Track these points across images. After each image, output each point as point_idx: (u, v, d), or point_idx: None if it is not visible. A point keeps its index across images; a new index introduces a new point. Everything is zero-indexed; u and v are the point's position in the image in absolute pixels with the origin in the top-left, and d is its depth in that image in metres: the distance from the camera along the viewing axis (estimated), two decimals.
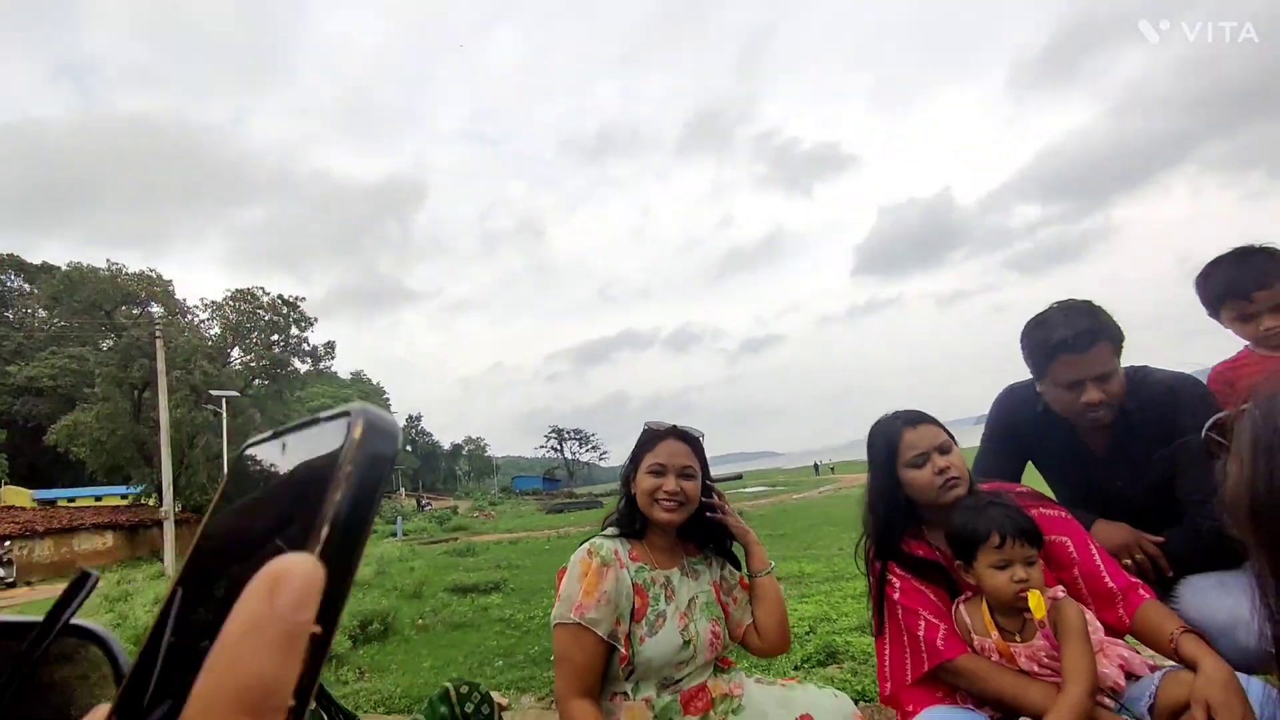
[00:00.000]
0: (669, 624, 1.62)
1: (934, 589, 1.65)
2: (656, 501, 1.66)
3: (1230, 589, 1.63)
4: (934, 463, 1.63)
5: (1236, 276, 1.77)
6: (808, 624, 4.36)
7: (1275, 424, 0.56)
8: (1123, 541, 1.76)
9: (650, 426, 1.76)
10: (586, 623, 1.52)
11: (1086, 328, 1.74)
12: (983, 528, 1.49)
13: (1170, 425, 1.77)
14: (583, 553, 1.63)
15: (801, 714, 1.55)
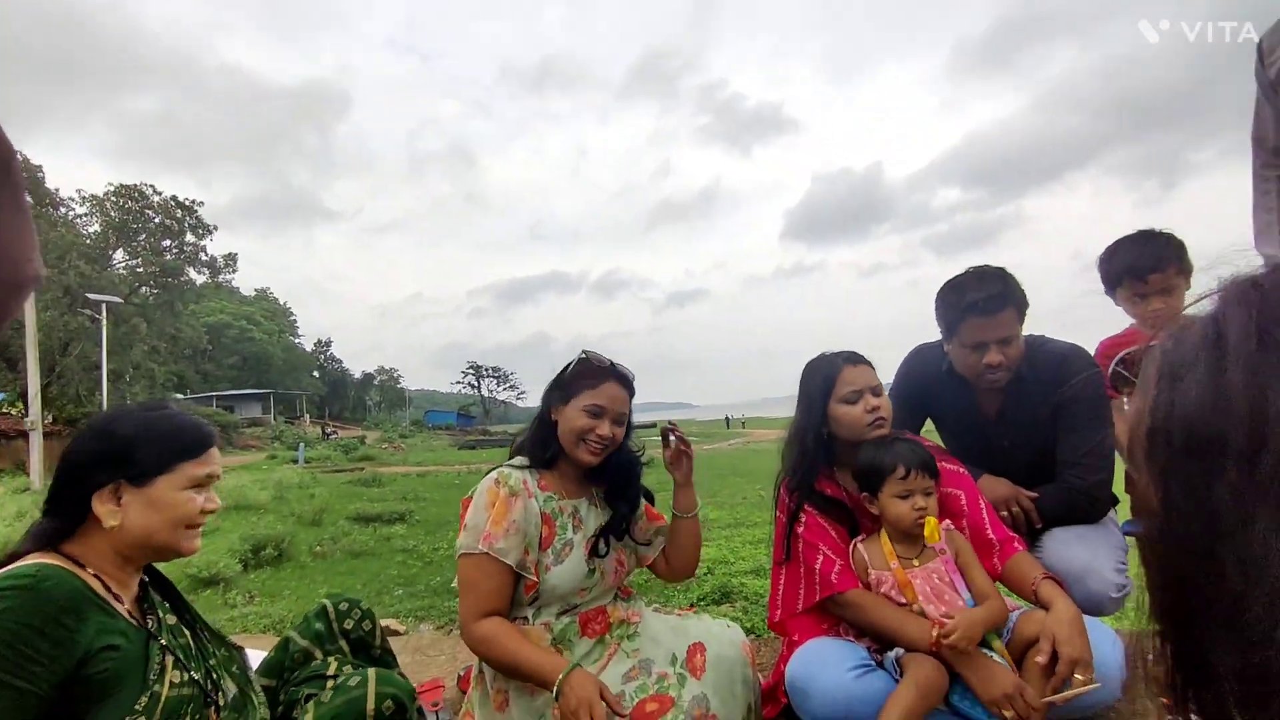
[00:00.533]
0: (575, 552, 1.61)
1: (836, 527, 1.74)
2: (584, 442, 1.63)
3: (1087, 541, 1.80)
4: (867, 401, 1.71)
5: (1136, 258, 1.89)
6: (707, 565, 4.54)
7: (1179, 355, 0.57)
8: (1003, 495, 1.90)
9: (591, 358, 1.69)
10: (494, 553, 1.50)
11: (997, 292, 1.83)
12: (889, 460, 1.62)
13: (1060, 393, 1.90)
14: (490, 482, 1.59)
15: (695, 641, 1.60)
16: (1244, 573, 0.50)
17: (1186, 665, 0.56)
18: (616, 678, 1.54)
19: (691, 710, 1.46)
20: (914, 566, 1.64)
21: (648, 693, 1.50)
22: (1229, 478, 0.52)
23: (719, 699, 1.52)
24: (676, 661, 1.58)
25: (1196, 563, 0.53)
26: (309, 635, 1.54)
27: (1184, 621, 0.55)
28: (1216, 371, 0.56)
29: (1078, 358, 1.93)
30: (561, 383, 1.68)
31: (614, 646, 1.63)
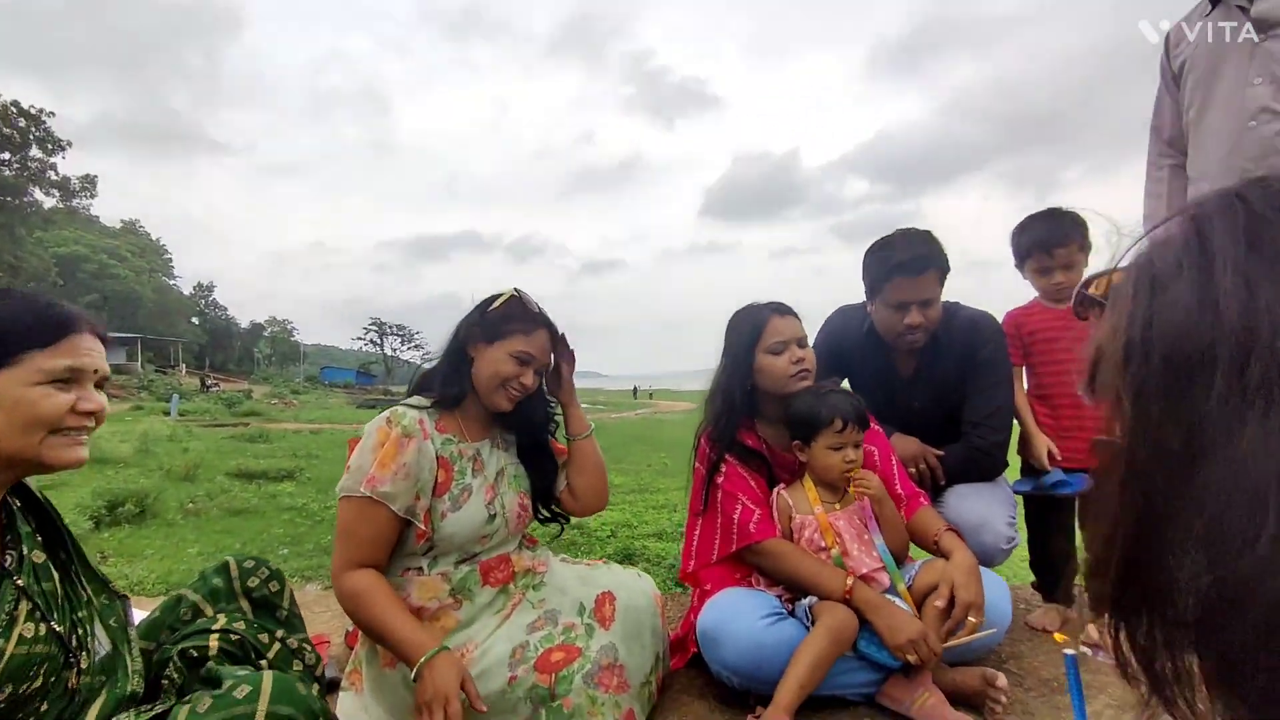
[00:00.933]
0: (475, 498, 1.50)
1: (755, 477, 1.73)
2: (505, 388, 1.52)
3: (983, 497, 1.89)
4: (792, 352, 1.70)
5: (1044, 233, 1.97)
6: (610, 528, 4.56)
7: (1160, 267, 0.53)
8: (913, 453, 1.96)
9: (522, 299, 1.56)
10: (379, 496, 1.37)
11: (923, 253, 1.86)
12: (827, 412, 1.64)
13: (969, 356, 1.97)
14: (381, 422, 1.44)
15: (603, 590, 1.54)
16: (1227, 483, 0.47)
17: (1142, 593, 0.54)
18: (521, 628, 1.46)
19: (599, 660, 1.41)
20: (836, 510, 1.67)
21: (553, 643, 1.43)
22: (1216, 387, 0.49)
23: (627, 648, 1.47)
24: (584, 611, 1.52)
25: (1171, 479, 0.51)
26: (203, 591, 1.33)
27: (1146, 544, 0.53)
28: (1203, 279, 0.53)
29: (987, 324, 2.00)
30: (487, 320, 1.54)
31: (518, 596, 1.54)
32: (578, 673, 1.37)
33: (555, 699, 1.34)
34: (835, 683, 1.50)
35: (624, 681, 1.42)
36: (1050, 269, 1.97)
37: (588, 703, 1.36)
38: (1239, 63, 1.68)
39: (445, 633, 1.44)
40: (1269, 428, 0.46)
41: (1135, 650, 0.57)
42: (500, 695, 1.35)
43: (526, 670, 1.37)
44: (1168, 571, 0.51)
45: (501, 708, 1.35)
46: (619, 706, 1.40)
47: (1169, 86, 1.93)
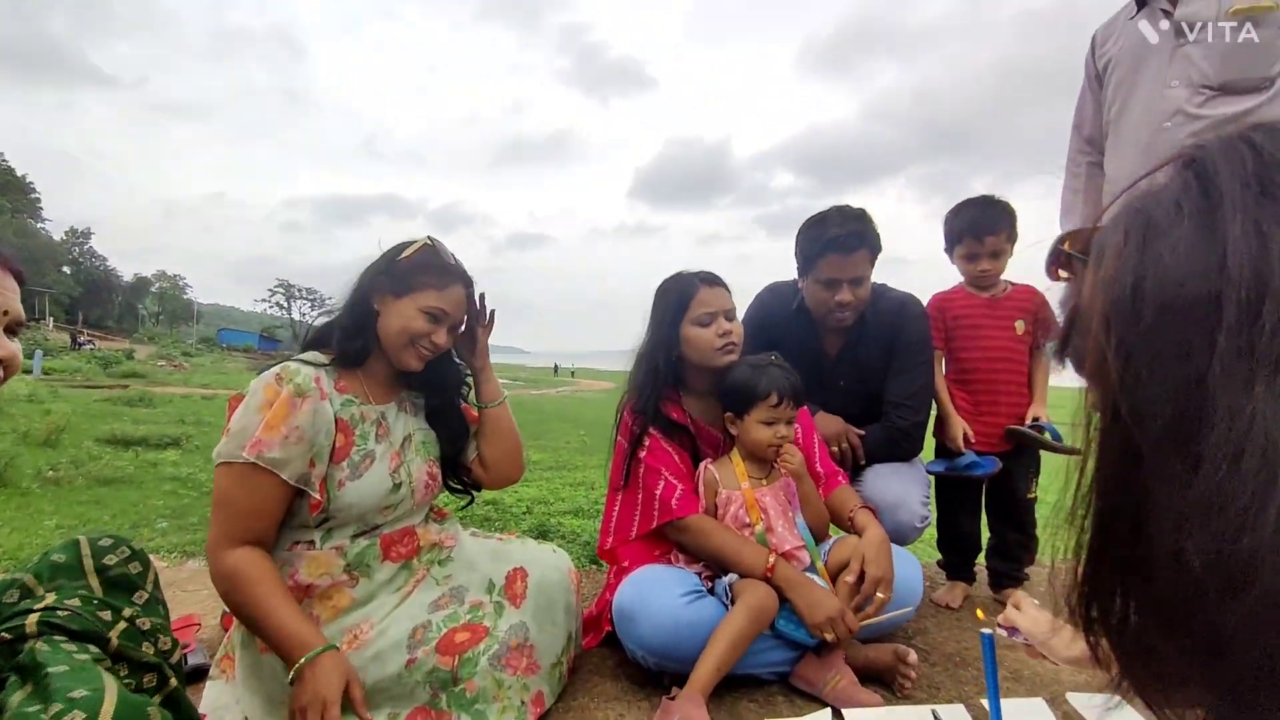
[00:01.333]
0: (378, 465, 1.36)
1: (679, 452, 1.67)
2: (415, 346, 1.37)
3: (900, 477, 1.91)
4: (719, 324, 1.65)
5: (976, 218, 2.00)
6: (526, 504, 4.47)
7: (1155, 214, 0.48)
8: (835, 432, 1.96)
9: (436, 249, 1.40)
10: (265, 463, 1.21)
11: (857, 231, 1.85)
12: (765, 385, 1.59)
13: (894, 337, 1.99)
14: (269, 379, 1.26)
15: (515, 566, 1.44)
16: (1229, 450, 0.42)
17: (1119, 570, 0.50)
18: (423, 607, 1.33)
19: (507, 640, 1.31)
20: (763, 486, 1.64)
21: (458, 622, 1.32)
22: (1221, 344, 0.44)
23: (538, 626, 1.38)
24: (494, 589, 1.41)
25: (1163, 447, 0.46)
26: (40, 569, 1.11)
27: (1128, 517, 0.48)
28: (1208, 225, 0.48)
29: (913, 306, 2.02)
30: (396, 270, 1.38)
31: (422, 572, 1.41)
32: (483, 654, 1.27)
33: (458, 683, 1.24)
34: (751, 661, 1.47)
35: (534, 662, 1.33)
36: (978, 255, 2.01)
37: (493, 686, 1.26)
38: (1159, 65, 1.74)
39: (338, 612, 1.30)
40: (1276, 390, 0.42)
41: (1107, 631, 0.53)
42: (396, 679, 1.23)
43: (427, 652, 1.25)
44: (1151, 547, 0.46)
45: (397, 692, 1.23)
46: (527, 689, 1.31)
47: (1092, 85, 1.99)
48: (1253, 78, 1.62)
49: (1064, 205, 2.10)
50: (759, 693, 1.47)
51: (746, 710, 1.40)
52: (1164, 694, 0.51)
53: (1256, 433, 0.40)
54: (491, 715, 1.25)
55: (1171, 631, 0.45)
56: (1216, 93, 1.65)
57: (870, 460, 1.96)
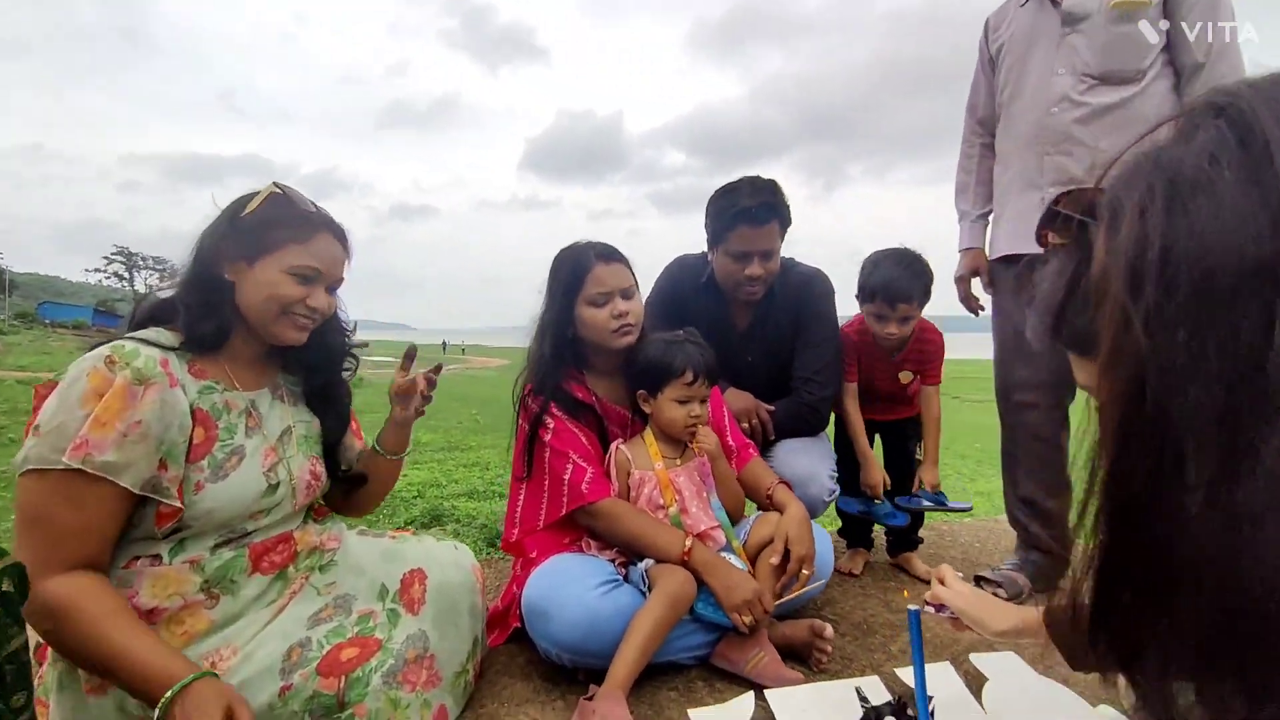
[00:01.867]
0: (248, 463, 1.15)
1: (586, 433, 1.58)
2: (290, 315, 1.17)
3: (809, 451, 1.93)
4: (615, 304, 1.55)
5: (891, 283, 1.93)
6: (416, 489, 4.22)
7: (1183, 171, 0.42)
8: (745, 407, 1.94)
9: (291, 197, 1.18)
10: (96, 468, 0.97)
11: (769, 202, 1.81)
12: (679, 363, 1.53)
13: (802, 311, 1.98)
14: (95, 363, 1.01)
15: (412, 568, 1.28)
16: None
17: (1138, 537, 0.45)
18: (300, 622, 1.15)
19: (403, 653, 1.16)
20: (677, 466, 1.59)
21: (344, 637, 1.14)
22: (1276, 307, 0.39)
23: (439, 634, 1.23)
24: (387, 595, 1.24)
25: (1219, 429, 0.40)
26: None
27: (1168, 513, 0.43)
28: (1252, 179, 0.43)
29: (820, 281, 2.03)
30: (242, 229, 1.15)
31: (299, 581, 1.21)
32: (375, 671, 1.11)
33: (345, 707, 1.07)
34: (670, 648, 1.41)
35: (435, 674, 1.19)
36: (887, 318, 1.96)
37: (388, 707, 1.10)
38: (1047, 52, 1.82)
39: (190, 638, 1.08)
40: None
41: (1116, 615, 0.48)
42: (268, 712, 1.04)
43: (306, 676, 1.07)
44: (1196, 549, 0.41)
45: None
46: (429, 705, 1.17)
47: (985, 69, 2.06)
48: (1128, 70, 1.73)
49: (958, 185, 2.17)
50: (679, 679, 1.41)
51: (668, 700, 1.34)
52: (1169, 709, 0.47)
53: None
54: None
55: (1221, 650, 0.41)
56: (1097, 81, 1.75)
57: (779, 435, 1.96)
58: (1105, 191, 0.47)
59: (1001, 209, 1.98)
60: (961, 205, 2.16)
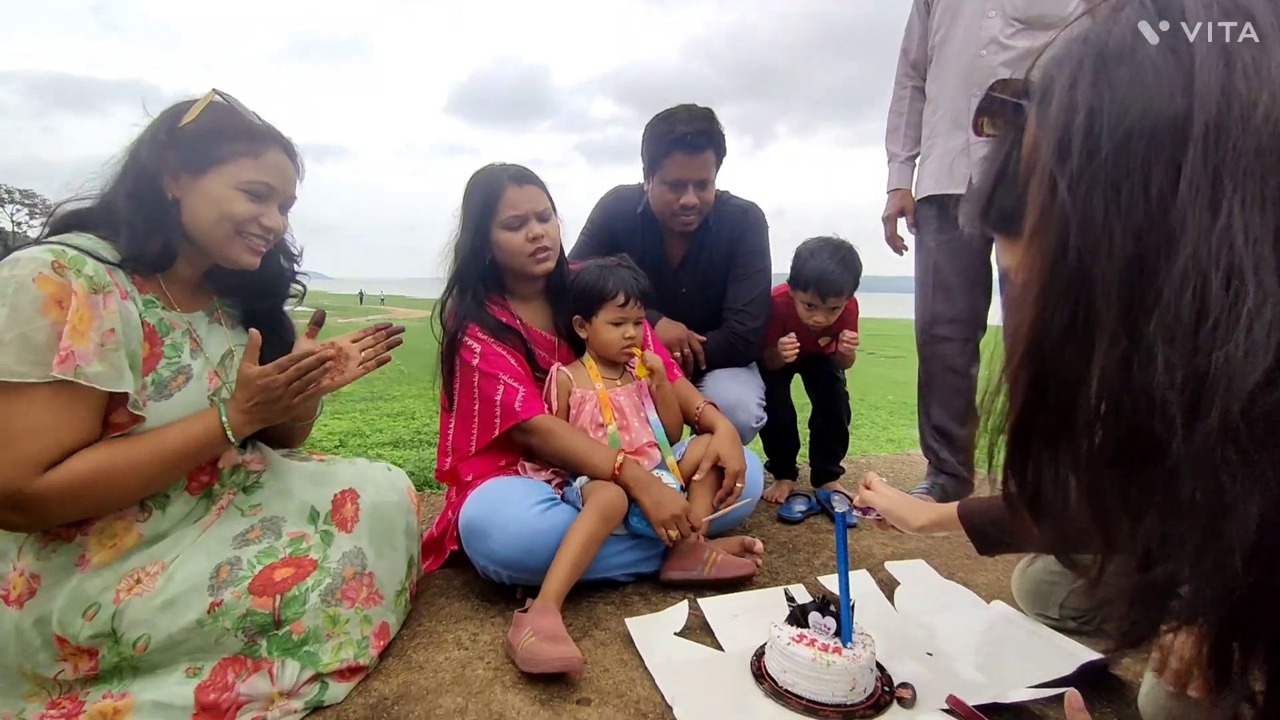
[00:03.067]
0: (194, 385, 1.10)
1: (514, 354, 1.56)
2: (244, 235, 1.09)
3: (739, 380, 1.98)
4: (530, 228, 1.52)
5: (824, 277, 1.95)
6: (339, 438, 4.08)
7: (1108, 41, 0.45)
8: (676, 337, 1.96)
9: (235, 107, 1.08)
10: (90, 380, 0.93)
11: (704, 130, 1.81)
12: (612, 286, 1.55)
13: (736, 244, 2.01)
14: (40, 268, 0.92)
15: (345, 488, 1.24)
16: (1202, 265, 0.41)
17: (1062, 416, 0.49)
18: (225, 542, 1.10)
19: (341, 572, 1.13)
20: (617, 386, 1.61)
21: (276, 558, 1.11)
22: (1189, 167, 0.42)
23: (376, 553, 1.21)
24: (319, 517, 1.20)
25: (1132, 274, 0.44)
26: None
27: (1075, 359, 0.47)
28: (1170, 46, 0.46)
29: (755, 214, 2.05)
30: (184, 140, 1.04)
31: (225, 499, 1.16)
32: (312, 590, 1.09)
33: (281, 625, 1.04)
34: (606, 565, 1.45)
35: (375, 592, 1.18)
36: (817, 308, 2.00)
37: (327, 623, 1.09)
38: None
39: (119, 552, 1.03)
40: (1245, 206, 0.41)
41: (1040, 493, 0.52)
42: (197, 628, 1.01)
43: (237, 594, 1.04)
44: (1095, 397, 0.45)
45: (199, 644, 1.01)
46: (369, 621, 1.16)
47: (920, 12, 2.10)
48: (1051, 15, 1.80)
49: (889, 127, 2.23)
50: (615, 594, 1.46)
51: (604, 613, 1.38)
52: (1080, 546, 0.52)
53: (1224, 250, 0.39)
54: (325, 655, 1.08)
55: (1113, 479, 0.45)
56: (1024, 26, 1.82)
57: (711, 365, 2.00)
58: (1038, 74, 0.49)
59: (929, 149, 2.05)
60: (891, 147, 2.22)
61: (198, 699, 0.99)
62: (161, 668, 1.00)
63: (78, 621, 0.97)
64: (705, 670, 1.18)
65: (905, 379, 2.29)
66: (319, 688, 1.07)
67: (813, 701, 1.06)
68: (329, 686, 1.08)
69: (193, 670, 1.01)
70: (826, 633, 1.12)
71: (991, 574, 1.59)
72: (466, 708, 1.06)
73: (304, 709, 1.05)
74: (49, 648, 0.98)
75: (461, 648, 1.24)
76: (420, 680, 1.13)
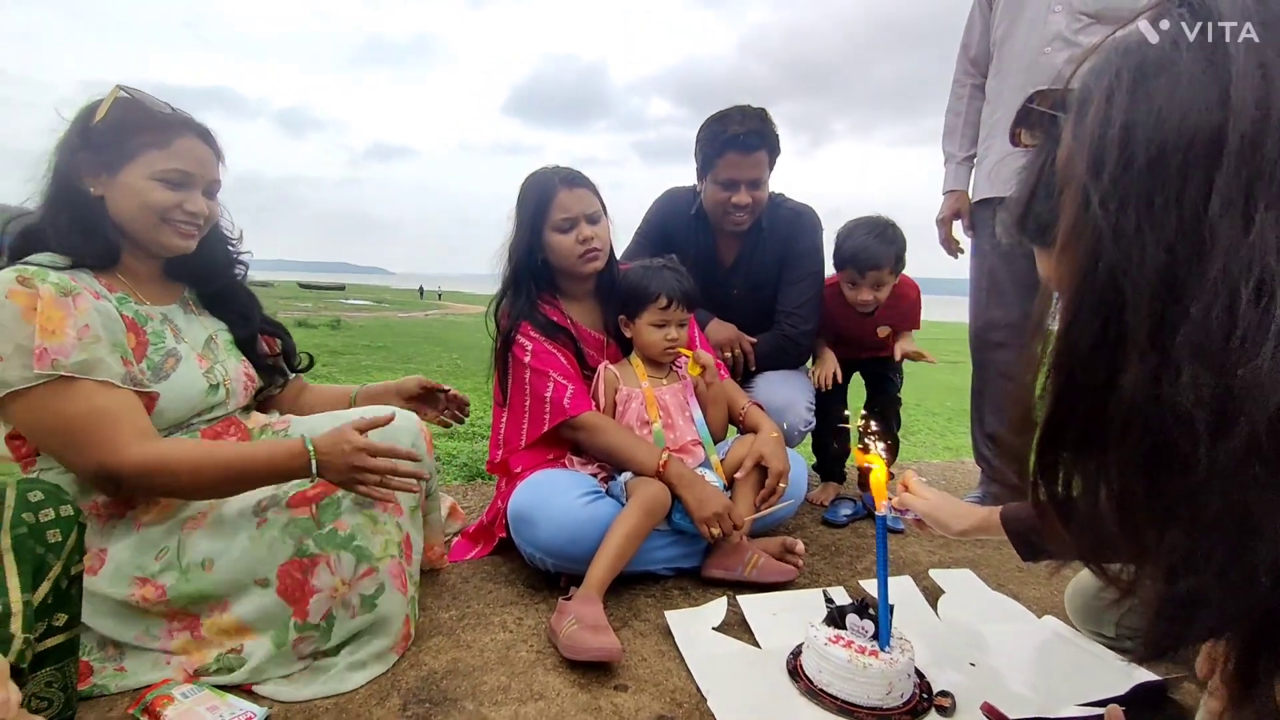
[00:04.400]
0: (185, 364, 1.18)
1: (564, 352, 1.61)
2: (169, 223, 1.15)
3: (789, 383, 1.98)
4: (580, 230, 1.56)
5: (860, 252, 1.95)
6: None
7: (1146, 55, 0.45)
8: (727, 338, 1.97)
9: (138, 99, 1.13)
10: (70, 370, 1.00)
11: (757, 129, 1.82)
12: (655, 288, 1.58)
13: (788, 246, 2.00)
14: (8, 285, 1.00)
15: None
16: (1232, 280, 0.41)
17: (1091, 427, 0.49)
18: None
19: None
20: (662, 385, 1.64)
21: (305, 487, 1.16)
22: (1221, 177, 0.42)
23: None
24: None
25: (1162, 289, 0.44)
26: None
27: (1108, 376, 0.47)
28: (1208, 59, 0.46)
29: (808, 216, 2.04)
30: (94, 140, 1.10)
31: None
32: (344, 498, 1.15)
33: (323, 526, 1.12)
34: (649, 559, 1.48)
35: (397, 505, 1.22)
36: (859, 285, 1.99)
37: (368, 522, 1.15)
38: None
39: (168, 509, 1.13)
40: (1278, 219, 0.41)
41: (1068, 500, 0.53)
42: (249, 545, 1.09)
43: (278, 511, 1.12)
44: (1126, 405, 0.46)
45: (257, 556, 1.09)
46: (399, 528, 1.21)
47: (981, 7, 2.04)
48: (1122, 9, 1.72)
49: (946, 126, 2.18)
50: (657, 588, 1.49)
51: (645, 605, 1.41)
52: (1110, 556, 0.52)
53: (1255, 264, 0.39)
54: (376, 549, 1.14)
55: (1141, 489, 0.45)
56: (1092, 20, 1.75)
57: (760, 367, 2.00)
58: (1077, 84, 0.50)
59: (986, 150, 2.00)
60: (948, 147, 2.17)
61: (280, 595, 1.08)
62: (235, 588, 1.09)
63: (151, 564, 1.08)
64: (741, 665, 1.19)
65: (963, 384, 2.24)
66: (377, 588, 1.13)
67: (847, 703, 1.07)
68: (385, 589, 1.14)
69: (260, 581, 1.09)
70: (864, 635, 1.12)
71: (1044, 589, 1.55)
72: (509, 686, 1.11)
73: (365, 604, 1.12)
74: (131, 586, 1.08)
75: (506, 630, 1.29)
76: (467, 658, 1.19)
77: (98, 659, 1.08)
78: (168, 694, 0.97)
